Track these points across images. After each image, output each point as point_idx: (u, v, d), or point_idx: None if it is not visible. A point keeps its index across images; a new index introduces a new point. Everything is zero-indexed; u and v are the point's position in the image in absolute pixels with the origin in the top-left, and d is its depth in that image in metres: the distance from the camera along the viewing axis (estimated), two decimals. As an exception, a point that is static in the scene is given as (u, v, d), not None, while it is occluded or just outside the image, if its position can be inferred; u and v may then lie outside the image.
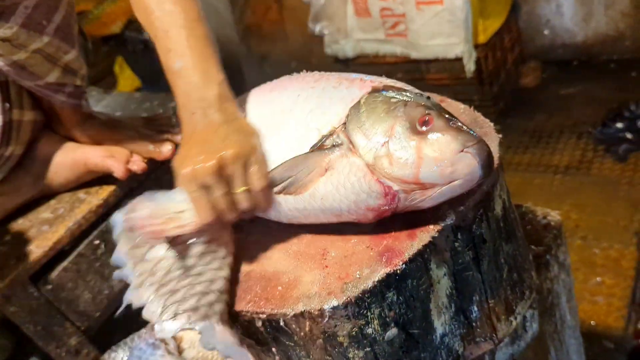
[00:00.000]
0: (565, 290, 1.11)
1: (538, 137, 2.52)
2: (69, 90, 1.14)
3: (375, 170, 0.67)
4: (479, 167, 0.64)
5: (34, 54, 1.04)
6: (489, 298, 0.78)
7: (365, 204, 0.69)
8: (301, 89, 0.80)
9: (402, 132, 0.66)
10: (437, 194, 0.66)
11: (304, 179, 0.71)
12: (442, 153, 0.64)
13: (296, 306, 0.68)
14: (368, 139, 0.68)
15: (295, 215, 0.76)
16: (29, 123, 1.15)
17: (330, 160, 0.70)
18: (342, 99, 0.74)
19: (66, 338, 1.14)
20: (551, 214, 1.11)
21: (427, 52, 2.60)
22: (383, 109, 0.69)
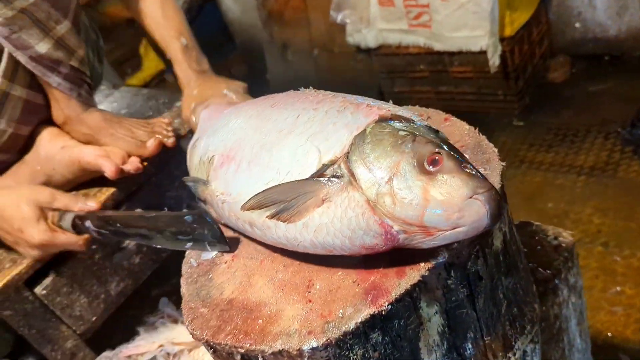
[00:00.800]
0: (575, 314, 1.06)
1: (563, 135, 2.42)
2: (65, 72, 1.13)
3: (376, 207, 0.62)
4: (487, 215, 0.60)
5: (21, 14, 1.04)
6: (484, 335, 0.74)
7: (360, 241, 0.64)
8: (303, 110, 0.75)
9: (409, 170, 0.62)
10: (440, 238, 0.61)
11: (299, 206, 0.66)
12: (450, 197, 0.60)
13: (275, 344, 0.64)
14: (371, 173, 0.63)
15: (283, 243, 0.72)
16: (18, 99, 1.14)
17: (328, 192, 0.65)
18: (346, 125, 0.69)
19: (62, 341, 1.14)
20: (563, 234, 1.05)
21: (451, 44, 2.52)
22: (390, 142, 0.65)
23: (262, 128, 0.78)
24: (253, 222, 0.73)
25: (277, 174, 0.71)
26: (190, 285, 0.79)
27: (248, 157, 0.77)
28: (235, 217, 0.78)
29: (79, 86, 1.16)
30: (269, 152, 0.74)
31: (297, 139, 0.72)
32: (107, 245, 1.12)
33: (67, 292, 1.11)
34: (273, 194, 0.68)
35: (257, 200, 0.69)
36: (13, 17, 1.03)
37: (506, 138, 2.51)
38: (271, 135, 0.76)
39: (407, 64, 2.74)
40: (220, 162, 0.82)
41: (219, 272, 0.80)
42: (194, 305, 0.75)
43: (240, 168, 0.77)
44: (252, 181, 0.74)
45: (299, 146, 0.71)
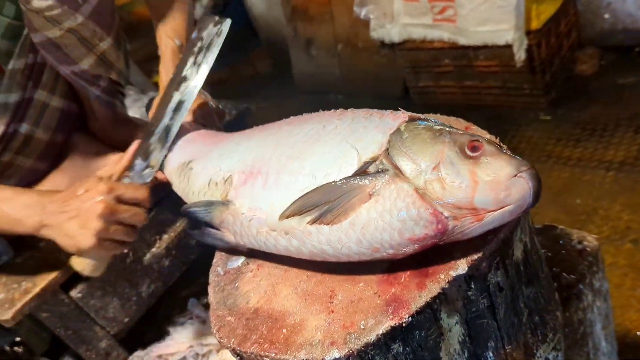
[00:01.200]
0: (600, 318, 1.05)
1: (591, 129, 2.38)
2: (104, 85, 1.17)
3: (425, 195, 0.64)
4: (530, 193, 0.62)
5: (68, 34, 1.07)
6: (505, 344, 0.75)
7: (410, 233, 0.65)
8: (326, 121, 0.77)
9: (454, 156, 0.65)
10: (488, 219, 0.63)
11: (345, 205, 0.67)
12: (497, 177, 0.63)
13: (299, 354, 0.67)
14: (416, 163, 0.66)
15: (324, 249, 0.71)
16: (56, 109, 1.18)
17: (375, 186, 0.66)
18: (377, 127, 0.72)
19: (96, 341, 1.18)
20: (587, 238, 1.05)
21: (476, 38, 2.49)
22: (428, 135, 0.68)
23: (286, 142, 0.79)
24: (292, 230, 0.72)
25: (312, 177, 0.72)
26: (217, 294, 0.82)
27: (276, 169, 0.77)
28: (266, 232, 0.76)
29: (114, 97, 1.20)
30: (298, 160, 0.75)
31: (330, 143, 0.73)
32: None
33: (101, 294, 1.15)
34: (314, 196, 0.69)
35: (298, 205, 0.69)
36: (61, 36, 1.06)
37: (532, 133, 2.48)
38: (298, 145, 0.77)
39: (432, 58, 2.72)
40: (242, 180, 0.81)
41: (245, 281, 0.82)
42: (221, 313, 0.78)
43: (269, 181, 0.77)
44: (283, 190, 0.74)
45: (334, 148, 0.72)
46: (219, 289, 0.83)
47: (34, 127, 1.15)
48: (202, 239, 0.88)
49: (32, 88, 1.13)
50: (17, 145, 1.14)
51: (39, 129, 1.16)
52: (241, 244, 0.83)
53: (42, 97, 1.14)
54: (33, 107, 1.13)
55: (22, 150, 1.15)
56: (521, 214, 0.65)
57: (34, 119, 1.15)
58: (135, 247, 1.19)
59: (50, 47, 1.08)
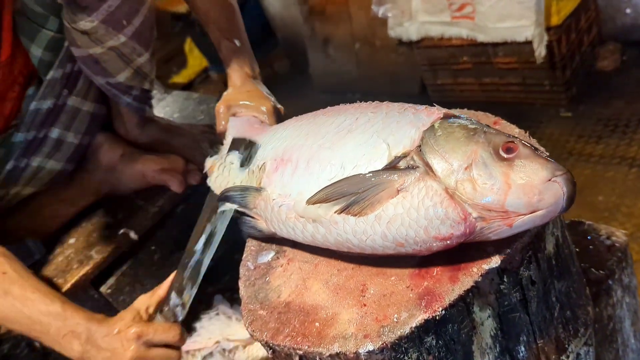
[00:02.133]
0: (629, 314, 1.04)
1: (614, 126, 2.35)
2: (136, 94, 1.19)
3: (455, 195, 0.63)
4: (564, 198, 0.62)
5: (109, 51, 1.08)
6: (537, 338, 0.75)
7: (436, 231, 0.65)
8: (360, 113, 0.77)
9: (487, 157, 0.64)
10: (518, 222, 0.63)
11: (372, 198, 0.67)
12: (530, 180, 0.62)
13: (332, 347, 0.67)
14: (448, 162, 0.65)
15: (349, 239, 0.71)
16: (87, 113, 1.20)
17: (404, 182, 0.66)
18: (410, 122, 0.71)
19: (125, 337, 1.19)
20: (616, 233, 1.04)
21: (495, 35, 2.47)
22: (462, 134, 0.67)
23: (318, 131, 0.79)
24: (319, 218, 0.73)
25: (341, 168, 0.72)
26: (248, 288, 0.83)
27: (306, 157, 0.77)
28: (294, 219, 0.77)
29: (144, 104, 1.21)
30: (329, 150, 0.75)
31: (362, 136, 0.73)
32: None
33: (130, 290, 1.17)
34: (343, 186, 0.69)
35: (326, 193, 0.69)
36: (101, 53, 1.08)
37: (553, 129, 2.45)
38: (329, 135, 0.77)
39: (450, 56, 2.71)
40: (274, 167, 0.82)
41: (276, 275, 0.83)
42: (252, 307, 0.79)
43: (299, 168, 0.78)
44: (313, 179, 0.75)
45: (365, 141, 0.72)
46: (250, 283, 0.83)
47: (65, 132, 1.17)
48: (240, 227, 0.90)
49: (66, 95, 1.14)
50: (47, 150, 1.17)
51: (70, 133, 1.18)
52: (272, 231, 0.84)
53: (75, 103, 1.16)
54: (65, 113, 1.16)
55: (52, 155, 1.18)
56: (553, 218, 0.64)
57: (65, 124, 1.17)
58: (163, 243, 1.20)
59: (89, 61, 1.09)
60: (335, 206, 0.69)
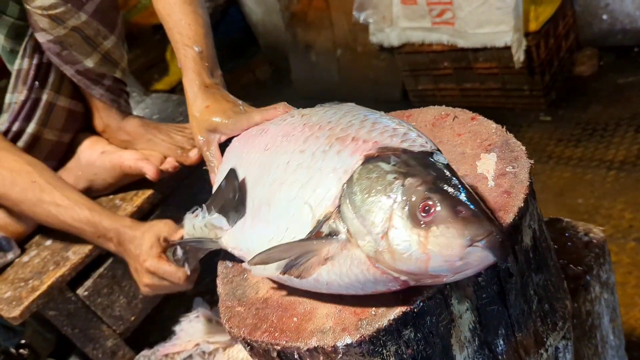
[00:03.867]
0: (608, 310, 1.05)
1: (592, 129, 2.39)
2: (108, 84, 1.18)
3: (378, 262, 0.62)
4: (491, 256, 0.58)
5: (72, 32, 1.08)
6: (516, 331, 0.75)
7: (373, 288, 0.65)
8: (291, 153, 0.74)
9: (402, 224, 0.60)
10: (449, 279, 0.61)
11: (304, 264, 0.66)
12: (448, 249, 0.58)
13: (310, 341, 0.67)
14: (366, 228, 0.62)
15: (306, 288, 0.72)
16: (63, 109, 1.20)
17: (329, 251, 0.65)
18: (333, 170, 0.67)
19: (103, 340, 1.18)
20: (593, 230, 1.05)
21: (475, 40, 2.51)
22: (378, 191, 0.62)
23: (259, 180, 0.79)
24: (269, 275, 0.74)
25: (277, 230, 0.72)
26: (226, 285, 0.82)
27: (251, 213, 0.78)
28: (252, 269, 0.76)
29: (119, 96, 1.21)
30: (267, 207, 0.75)
31: (289, 192, 0.71)
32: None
33: (107, 293, 1.15)
34: (276, 252, 0.68)
35: (261, 258, 0.69)
36: (65, 35, 1.08)
37: (533, 133, 2.49)
38: (267, 187, 0.76)
39: (431, 61, 2.74)
40: None
41: (254, 272, 0.82)
42: (230, 304, 0.78)
43: (246, 224, 0.79)
44: (256, 237, 0.75)
45: (291, 200, 0.71)
46: (228, 280, 0.83)
47: (42, 127, 1.16)
48: None
49: (39, 88, 1.14)
50: (24, 146, 1.16)
51: (47, 129, 1.17)
52: None
53: (49, 97, 1.15)
54: (41, 108, 1.15)
55: (30, 150, 1.16)
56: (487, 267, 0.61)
57: (42, 119, 1.16)
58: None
59: (54, 46, 1.09)
60: (277, 267, 0.69)
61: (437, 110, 0.92)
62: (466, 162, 0.80)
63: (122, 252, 1.05)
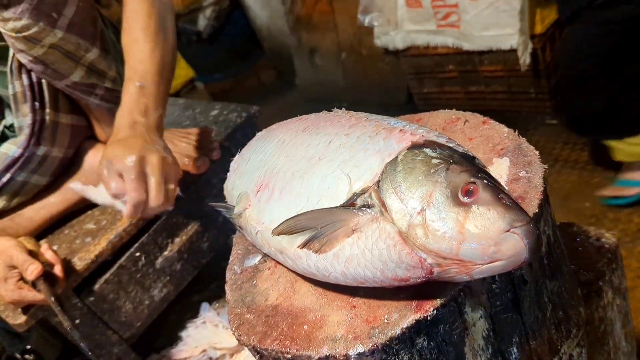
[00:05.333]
0: (620, 316, 1.04)
1: (599, 132, 2.37)
2: (101, 93, 1.17)
3: (408, 239, 0.60)
4: (526, 250, 0.57)
5: (51, 50, 1.07)
6: (530, 339, 0.74)
7: (392, 273, 0.62)
8: (335, 135, 0.74)
9: (442, 200, 0.59)
10: (476, 271, 0.59)
11: (329, 235, 0.65)
12: (486, 230, 0.57)
13: (321, 349, 0.65)
14: (403, 203, 0.61)
15: (314, 273, 0.71)
16: (66, 126, 1.19)
17: (359, 222, 0.63)
18: (378, 151, 0.67)
19: (109, 346, 1.17)
20: (605, 235, 1.04)
21: (481, 43, 2.49)
22: (422, 171, 0.62)
23: (294, 155, 0.77)
24: (284, 250, 0.72)
25: (307, 202, 0.70)
26: (234, 292, 0.81)
27: (280, 185, 0.76)
28: (267, 246, 0.77)
29: (115, 104, 1.20)
30: (300, 180, 0.73)
31: (328, 166, 0.70)
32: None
33: (113, 298, 1.14)
34: (303, 220, 0.67)
35: (288, 225, 0.68)
36: (45, 53, 1.07)
37: (539, 137, 2.47)
38: (302, 162, 0.74)
39: (436, 64, 2.72)
40: (255, 190, 0.81)
41: (263, 279, 0.81)
42: (239, 311, 0.77)
43: (273, 196, 0.76)
44: (283, 209, 0.73)
45: (329, 174, 0.69)
46: (237, 287, 0.82)
47: (51, 148, 1.16)
48: None
49: (39, 109, 1.13)
50: (33, 167, 1.16)
51: (54, 149, 1.17)
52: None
53: (51, 116, 1.15)
54: (46, 129, 1.15)
55: (37, 170, 1.17)
56: (516, 268, 0.60)
57: (49, 140, 1.16)
58: (148, 250, 1.18)
59: (37, 66, 1.08)
60: (297, 240, 0.68)
61: (448, 114, 0.91)
62: (478, 166, 0.79)
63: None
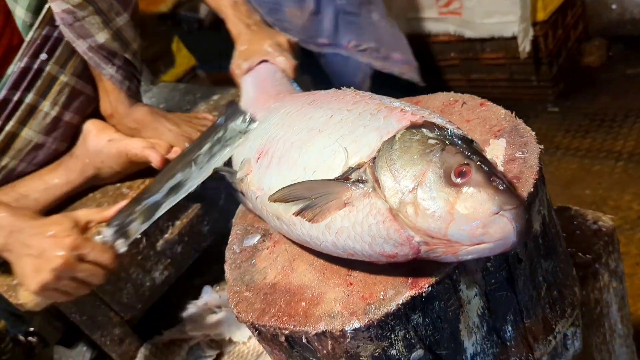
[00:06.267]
0: (616, 299, 1.05)
1: (600, 120, 2.37)
2: (119, 64, 1.18)
3: (398, 216, 0.61)
4: (514, 233, 0.57)
5: (86, 3, 1.09)
6: (524, 318, 0.75)
7: (380, 248, 0.64)
8: (337, 110, 0.75)
9: (434, 180, 0.60)
10: (462, 252, 0.60)
11: (322, 206, 0.66)
12: (475, 212, 0.58)
13: (318, 325, 0.67)
14: (396, 180, 0.62)
15: (307, 241, 0.73)
16: (67, 86, 1.20)
17: (351, 196, 0.64)
18: (377, 128, 0.68)
19: (110, 327, 1.18)
20: (602, 218, 1.04)
21: (482, 30, 2.49)
22: (417, 150, 0.63)
23: (296, 126, 0.79)
24: (280, 216, 0.74)
25: (304, 171, 0.72)
26: (234, 271, 0.82)
27: (279, 154, 0.77)
28: (266, 211, 0.79)
29: (129, 80, 1.21)
30: (298, 150, 0.74)
31: (327, 139, 0.72)
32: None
33: (115, 280, 1.16)
34: (298, 189, 0.68)
35: (283, 193, 0.69)
36: (79, 4, 1.09)
37: (541, 124, 2.47)
38: (303, 133, 0.76)
39: (438, 52, 2.72)
40: (256, 157, 0.83)
41: (262, 258, 0.82)
42: (238, 289, 0.78)
43: (272, 163, 0.78)
44: (281, 177, 0.75)
45: (327, 146, 0.71)
46: (236, 266, 0.83)
47: (40, 99, 1.17)
48: None
49: (44, 60, 1.14)
50: (21, 115, 1.16)
51: (45, 102, 1.17)
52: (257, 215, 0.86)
53: (52, 70, 1.15)
54: (42, 79, 1.15)
55: (27, 122, 1.17)
56: (504, 251, 0.60)
57: (40, 90, 1.16)
58: (149, 233, 1.19)
59: (68, 17, 1.10)
60: (293, 208, 0.69)
61: (446, 96, 0.92)
62: (475, 147, 0.80)
63: (10, 244, 0.90)
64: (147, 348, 1.24)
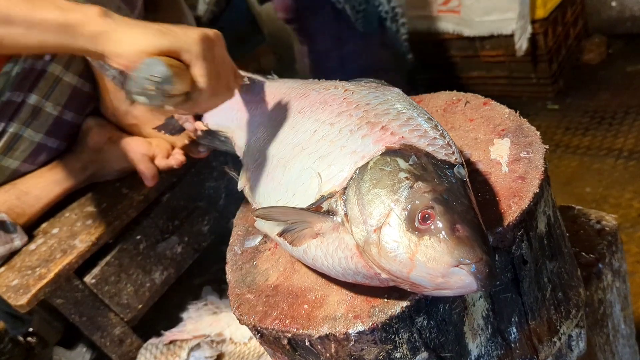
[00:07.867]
0: (620, 299, 1.04)
1: (600, 117, 2.36)
2: None
3: (364, 254, 0.61)
4: (475, 283, 0.56)
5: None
6: (529, 319, 0.74)
7: (353, 278, 0.65)
8: (321, 123, 0.74)
9: (398, 224, 0.59)
10: (427, 293, 0.60)
11: (297, 232, 0.67)
12: (434, 263, 0.56)
13: (321, 328, 0.66)
14: (363, 217, 0.61)
15: (293, 256, 0.75)
16: (68, 85, 1.19)
17: (322, 227, 0.65)
18: (353, 152, 0.67)
19: (110, 328, 1.18)
20: (606, 217, 1.04)
21: (481, 28, 2.48)
22: (387, 184, 0.61)
23: (284, 140, 0.79)
24: (268, 232, 0.76)
25: (285, 192, 0.73)
26: (235, 272, 0.81)
27: (267, 170, 0.79)
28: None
29: None
30: (282, 169, 0.75)
31: (307, 160, 0.72)
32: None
33: (115, 281, 1.15)
34: (275, 213, 0.69)
35: (262, 213, 0.70)
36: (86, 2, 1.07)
37: (540, 122, 2.46)
38: (287, 149, 0.76)
39: (437, 50, 2.71)
40: (251, 163, 0.84)
41: (263, 259, 0.81)
42: (240, 291, 0.77)
43: (262, 178, 0.80)
44: (267, 195, 0.77)
45: (306, 168, 0.71)
46: (237, 267, 0.82)
47: (44, 100, 1.16)
48: None
49: (47, 61, 1.13)
50: (24, 117, 1.15)
51: (48, 103, 1.16)
52: None
53: (55, 70, 1.14)
54: (44, 79, 1.14)
55: (30, 123, 1.16)
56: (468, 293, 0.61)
57: (44, 91, 1.15)
58: (148, 233, 1.18)
59: None
60: (276, 228, 0.70)
61: (449, 95, 0.91)
62: (479, 147, 0.79)
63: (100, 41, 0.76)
64: (147, 348, 1.23)
